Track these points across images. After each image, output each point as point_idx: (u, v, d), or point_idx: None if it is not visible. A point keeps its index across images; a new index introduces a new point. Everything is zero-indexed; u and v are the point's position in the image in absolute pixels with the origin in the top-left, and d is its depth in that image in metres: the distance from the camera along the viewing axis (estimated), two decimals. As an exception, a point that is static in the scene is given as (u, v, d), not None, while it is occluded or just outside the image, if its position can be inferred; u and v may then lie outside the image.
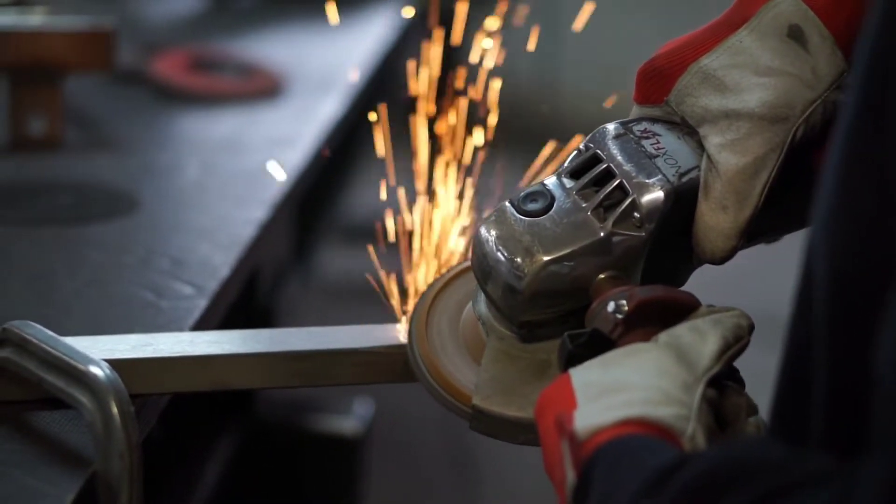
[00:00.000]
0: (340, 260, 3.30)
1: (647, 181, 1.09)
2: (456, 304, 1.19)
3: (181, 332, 1.36)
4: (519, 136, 1.57)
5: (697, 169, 1.10)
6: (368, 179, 3.13)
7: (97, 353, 1.15)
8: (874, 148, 0.80)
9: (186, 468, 1.73)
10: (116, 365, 1.13)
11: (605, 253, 1.09)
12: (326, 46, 2.60)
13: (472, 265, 1.13)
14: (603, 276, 1.09)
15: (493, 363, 1.13)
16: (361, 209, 3.67)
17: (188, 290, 1.47)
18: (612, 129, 1.13)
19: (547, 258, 1.08)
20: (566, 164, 1.13)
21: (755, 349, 1.07)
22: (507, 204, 1.11)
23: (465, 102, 1.45)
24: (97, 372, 1.10)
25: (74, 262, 1.55)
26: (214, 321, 1.46)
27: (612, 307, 1.04)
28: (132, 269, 1.53)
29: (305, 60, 2.45)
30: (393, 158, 1.46)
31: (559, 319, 1.11)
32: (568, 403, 0.95)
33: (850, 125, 0.82)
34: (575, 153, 1.14)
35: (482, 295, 1.14)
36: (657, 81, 1.12)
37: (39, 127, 1.92)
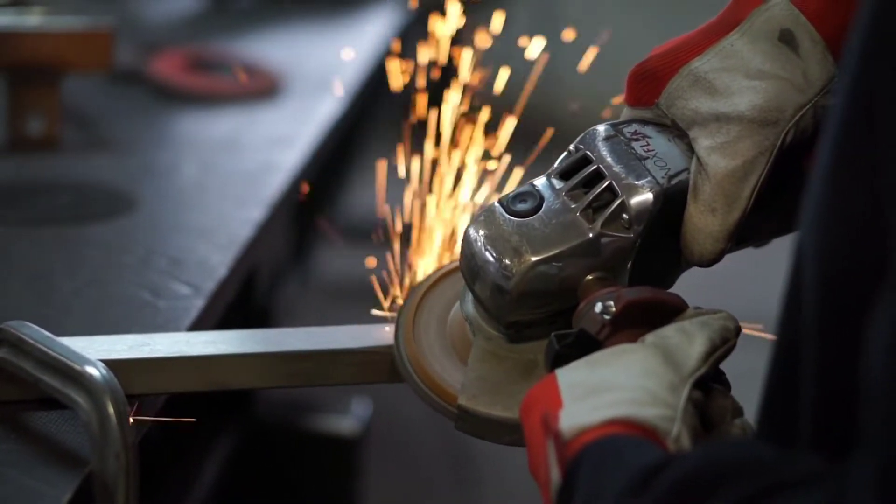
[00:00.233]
0: (338, 260, 3.31)
1: (636, 183, 1.09)
2: (443, 304, 1.19)
3: (178, 332, 1.36)
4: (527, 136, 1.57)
5: (687, 171, 1.10)
6: (367, 180, 3.13)
7: (94, 353, 1.15)
8: (863, 150, 0.80)
9: (183, 468, 1.73)
10: (113, 365, 1.13)
11: (593, 254, 1.09)
12: (325, 46, 2.60)
13: (460, 265, 1.13)
14: (591, 277, 1.09)
15: (479, 363, 1.13)
16: (360, 209, 3.67)
17: (186, 290, 1.47)
18: (602, 130, 1.13)
19: (535, 258, 1.08)
20: (556, 164, 1.13)
21: (744, 350, 1.07)
22: (496, 204, 1.11)
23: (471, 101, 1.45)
24: (93, 372, 1.10)
25: (73, 261, 1.55)
26: (212, 321, 1.46)
27: (599, 308, 1.04)
28: (131, 268, 1.53)
29: (304, 60, 2.46)
30: (394, 158, 1.46)
31: (547, 320, 1.11)
32: (554, 403, 0.95)
33: (839, 127, 0.82)
34: (565, 154, 1.14)
35: (470, 295, 1.14)
36: (648, 84, 1.12)
37: (38, 127, 1.92)
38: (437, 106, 1.44)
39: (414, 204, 1.37)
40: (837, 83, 0.86)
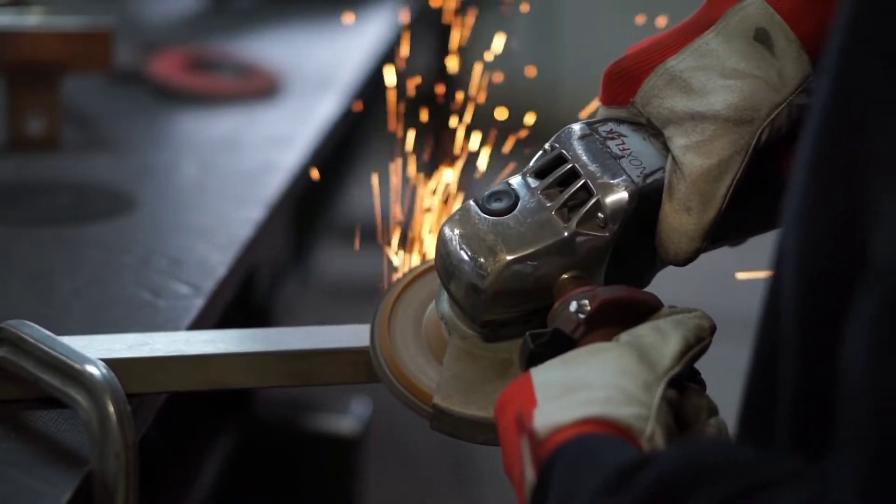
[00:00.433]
0: (338, 260, 3.31)
1: (611, 182, 1.08)
2: (419, 303, 1.19)
3: (178, 331, 1.36)
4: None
5: (662, 170, 1.10)
6: (367, 179, 3.13)
7: (94, 352, 1.16)
8: (843, 147, 0.80)
9: (183, 467, 1.74)
10: (113, 364, 1.13)
11: (568, 253, 1.08)
12: (325, 46, 2.61)
13: (435, 264, 1.12)
14: (566, 276, 1.08)
15: (454, 362, 1.13)
16: (359, 209, 3.66)
17: (185, 289, 1.47)
18: (577, 129, 1.12)
19: (510, 257, 1.08)
20: (531, 163, 1.13)
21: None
22: (471, 203, 1.10)
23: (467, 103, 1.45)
24: (93, 371, 1.11)
25: (73, 261, 1.55)
26: (211, 321, 1.46)
27: (574, 307, 1.03)
28: (130, 268, 1.53)
29: (303, 60, 2.46)
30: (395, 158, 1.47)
31: (522, 319, 1.10)
32: (528, 402, 0.94)
33: (819, 125, 0.82)
34: (540, 153, 1.13)
35: (445, 294, 1.14)
36: (623, 83, 1.12)
37: (38, 127, 1.92)
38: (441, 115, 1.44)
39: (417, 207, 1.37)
40: (818, 82, 0.86)
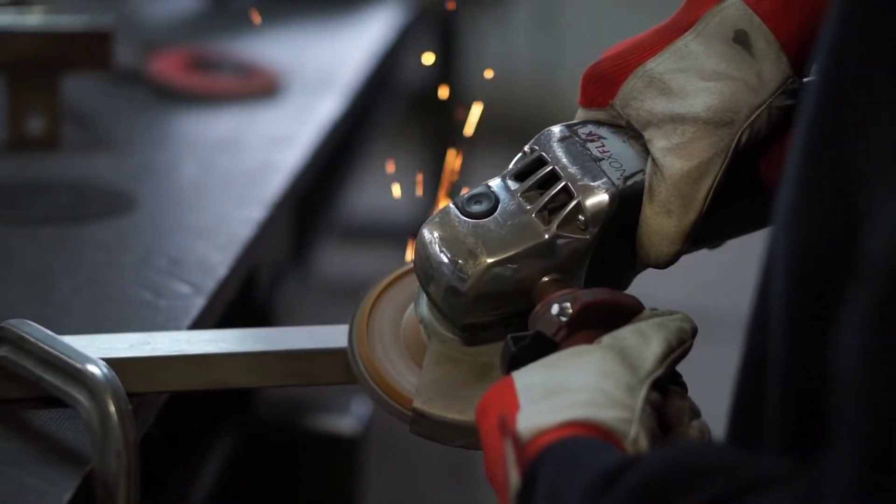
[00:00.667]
0: (339, 259, 3.31)
1: (591, 184, 1.08)
2: (397, 306, 1.18)
3: (179, 331, 1.36)
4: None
5: (642, 173, 1.10)
6: (367, 179, 3.13)
7: (95, 351, 1.16)
8: (833, 148, 0.80)
9: (184, 467, 1.73)
10: (114, 364, 1.13)
11: (549, 255, 1.08)
12: (325, 46, 2.60)
13: (414, 267, 1.12)
14: (547, 278, 1.08)
15: (434, 366, 1.12)
16: (360, 209, 3.67)
17: (186, 289, 1.47)
18: (557, 131, 1.12)
19: (490, 260, 1.07)
20: (511, 166, 1.13)
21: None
22: (451, 205, 1.10)
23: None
24: (94, 370, 1.11)
25: (73, 261, 1.55)
26: (212, 320, 1.46)
27: (555, 310, 1.03)
28: (130, 268, 1.53)
29: (304, 60, 2.46)
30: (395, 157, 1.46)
31: (502, 322, 1.10)
32: (510, 405, 0.94)
33: (809, 126, 0.82)
34: (520, 155, 1.13)
35: (424, 297, 1.13)
36: (602, 85, 1.12)
37: (38, 126, 1.92)
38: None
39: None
40: (806, 85, 0.86)
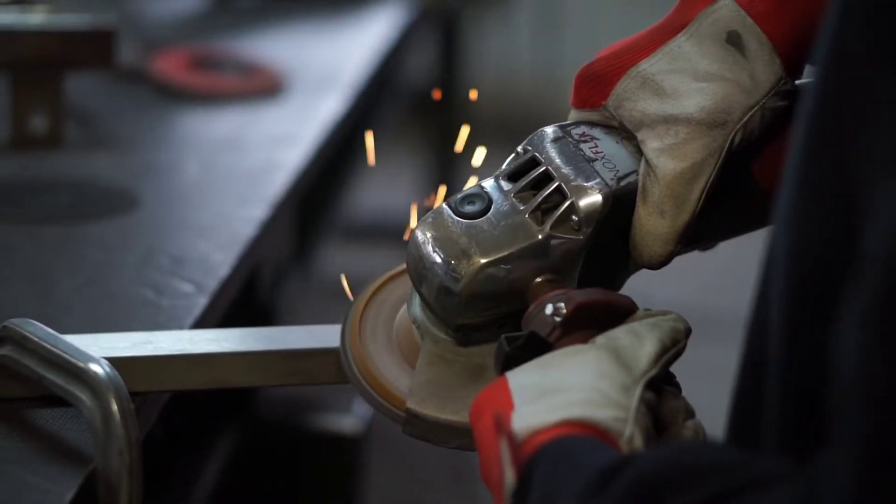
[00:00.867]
0: (341, 259, 3.31)
1: (585, 185, 1.08)
2: (389, 306, 1.18)
3: (181, 330, 1.36)
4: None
5: (636, 173, 1.10)
6: (369, 179, 3.13)
7: (97, 350, 1.16)
8: (833, 147, 0.80)
9: (186, 466, 1.74)
10: (116, 363, 1.13)
11: (542, 256, 1.08)
12: (328, 45, 2.61)
13: (407, 267, 1.12)
14: (540, 279, 1.08)
15: (427, 367, 1.12)
16: (362, 208, 3.67)
17: (188, 288, 1.47)
18: (550, 132, 1.12)
19: (484, 260, 1.07)
20: (504, 166, 1.13)
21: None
22: (444, 206, 1.10)
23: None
24: (97, 370, 1.11)
25: (75, 260, 1.55)
26: (214, 319, 1.46)
27: (549, 310, 1.03)
28: (132, 267, 1.53)
29: (306, 59, 2.46)
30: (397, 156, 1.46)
31: (496, 323, 1.10)
32: (505, 405, 0.94)
33: (809, 126, 0.82)
34: (513, 156, 1.13)
35: (417, 297, 1.13)
36: (595, 86, 1.12)
37: (40, 125, 1.92)
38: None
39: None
40: (808, 82, 0.86)
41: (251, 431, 1.97)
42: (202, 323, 1.41)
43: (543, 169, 1.10)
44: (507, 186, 1.11)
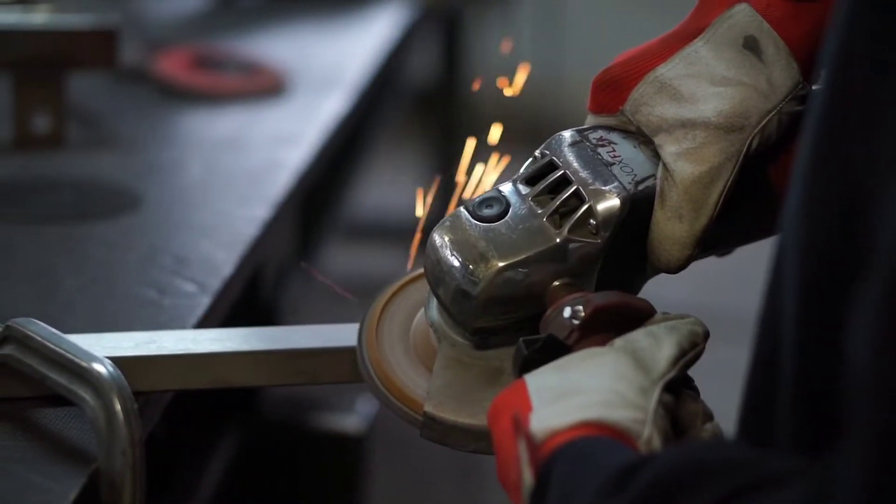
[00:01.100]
0: (344, 258, 3.31)
1: (603, 188, 1.08)
2: (406, 311, 1.18)
3: (184, 329, 1.36)
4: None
5: (653, 177, 1.10)
6: (372, 178, 3.13)
7: (100, 350, 1.16)
8: (841, 148, 0.80)
9: (189, 465, 1.74)
10: (119, 362, 1.13)
11: (560, 259, 1.08)
12: (330, 45, 2.60)
13: (424, 271, 1.12)
14: (557, 283, 1.08)
15: (445, 370, 1.12)
16: (365, 208, 3.66)
17: (191, 287, 1.47)
18: (568, 136, 1.12)
19: (502, 264, 1.07)
20: (521, 170, 1.13)
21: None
22: (461, 209, 1.10)
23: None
24: (100, 369, 1.11)
25: (77, 259, 1.55)
26: (217, 319, 1.46)
27: (568, 313, 1.03)
28: (135, 266, 1.53)
29: (309, 59, 2.46)
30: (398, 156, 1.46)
31: (513, 326, 1.10)
32: (523, 407, 0.94)
33: (817, 127, 0.83)
34: (531, 160, 1.13)
35: (434, 301, 1.13)
36: (612, 91, 1.12)
37: (43, 124, 1.92)
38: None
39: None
40: (817, 81, 0.86)
41: (254, 431, 1.97)
42: (205, 322, 1.41)
43: (561, 173, 1.10)
44: (524, 190, 1.11)
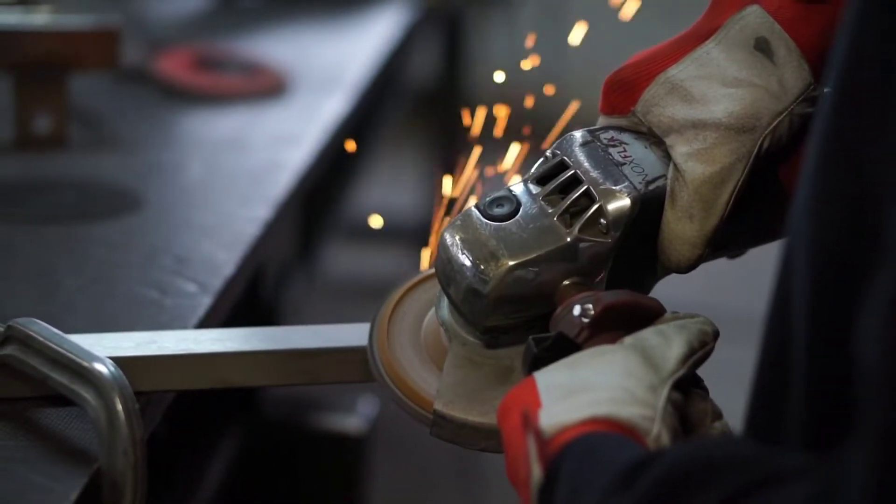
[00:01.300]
0: (345, 258, 3.31)
1: (613, 188, 1.08)
2: (417, 310, 1.18)
3: (185, 329, 1.36)
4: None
5: (664, 178, 1.10)
6: (373, 178, 3.13)
7: (102, 350, 1.16)
8: (850, 148, 0.81)
9: (190, 465, 1.74)
10: (121, 362, 1.14)
11: (570, 259, 1.08)
12: (331, 45, 2.61)
13: (435, 269, 1.12)
14: (568, 282, 1.08)
15: (455, 369, 1.12)
16: (366, 207, 3.67)
17: (192, 287, 1.47)
18: (579, 136, 1.12)
19: (513, 262, 1.08)
20: (532, 170, 1.13)
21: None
22: (472, 208, 1.10)
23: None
24: (102, 369, 1.11)
25: (78, 259, 1.55)
26: (219, 319, 1.46)
27: (578, 311, 1.03)
28: (136, 266, 1.53)
29: (310, 59, 2.46)
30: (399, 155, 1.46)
31: (523, 325, 1.10)
32: (533, 403, 0.95)
33: (826, 127, 0.83)
34: (542, 160, 1.13)
35: (445, 300, 1.13)
36: (624, 92, 1.12)
37: (45, 125, 1.92)
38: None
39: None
40: (827, 77, 0.86)
41: (255, 431, 1.98)
42: (206, 323, 1.41)
43: (572, 172, 1.10)
44: (535, 190, 1.11)
